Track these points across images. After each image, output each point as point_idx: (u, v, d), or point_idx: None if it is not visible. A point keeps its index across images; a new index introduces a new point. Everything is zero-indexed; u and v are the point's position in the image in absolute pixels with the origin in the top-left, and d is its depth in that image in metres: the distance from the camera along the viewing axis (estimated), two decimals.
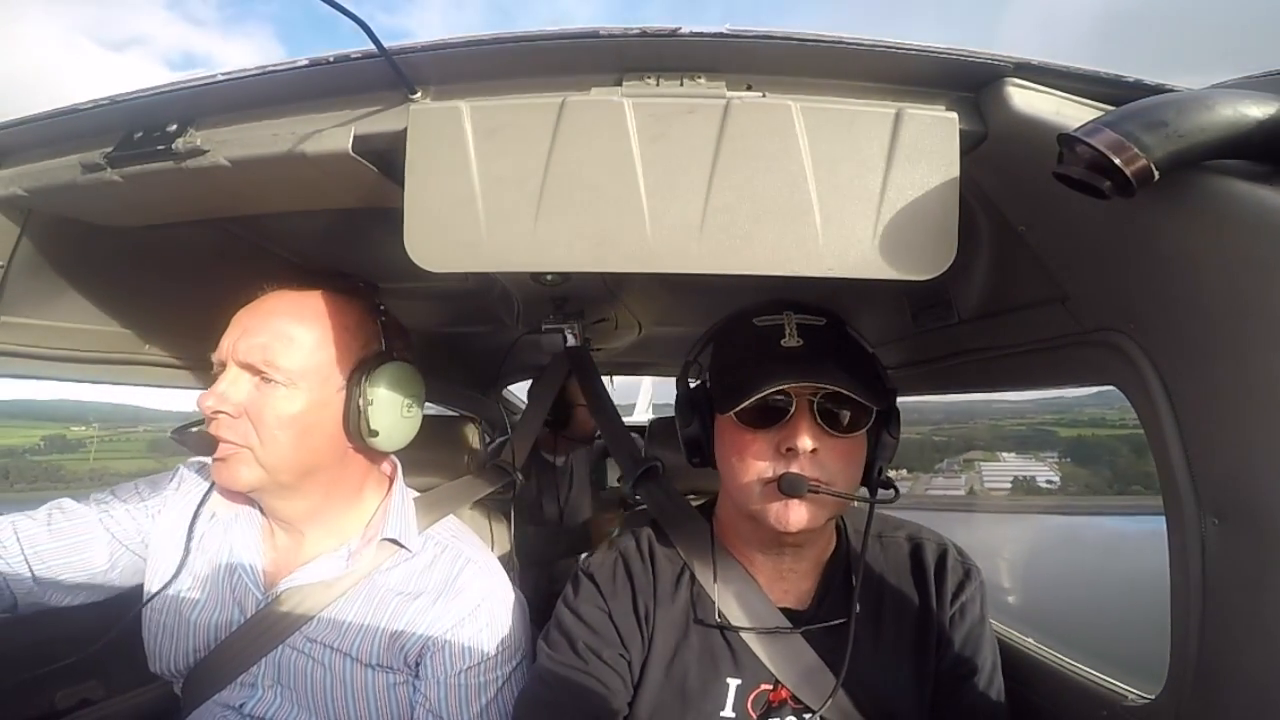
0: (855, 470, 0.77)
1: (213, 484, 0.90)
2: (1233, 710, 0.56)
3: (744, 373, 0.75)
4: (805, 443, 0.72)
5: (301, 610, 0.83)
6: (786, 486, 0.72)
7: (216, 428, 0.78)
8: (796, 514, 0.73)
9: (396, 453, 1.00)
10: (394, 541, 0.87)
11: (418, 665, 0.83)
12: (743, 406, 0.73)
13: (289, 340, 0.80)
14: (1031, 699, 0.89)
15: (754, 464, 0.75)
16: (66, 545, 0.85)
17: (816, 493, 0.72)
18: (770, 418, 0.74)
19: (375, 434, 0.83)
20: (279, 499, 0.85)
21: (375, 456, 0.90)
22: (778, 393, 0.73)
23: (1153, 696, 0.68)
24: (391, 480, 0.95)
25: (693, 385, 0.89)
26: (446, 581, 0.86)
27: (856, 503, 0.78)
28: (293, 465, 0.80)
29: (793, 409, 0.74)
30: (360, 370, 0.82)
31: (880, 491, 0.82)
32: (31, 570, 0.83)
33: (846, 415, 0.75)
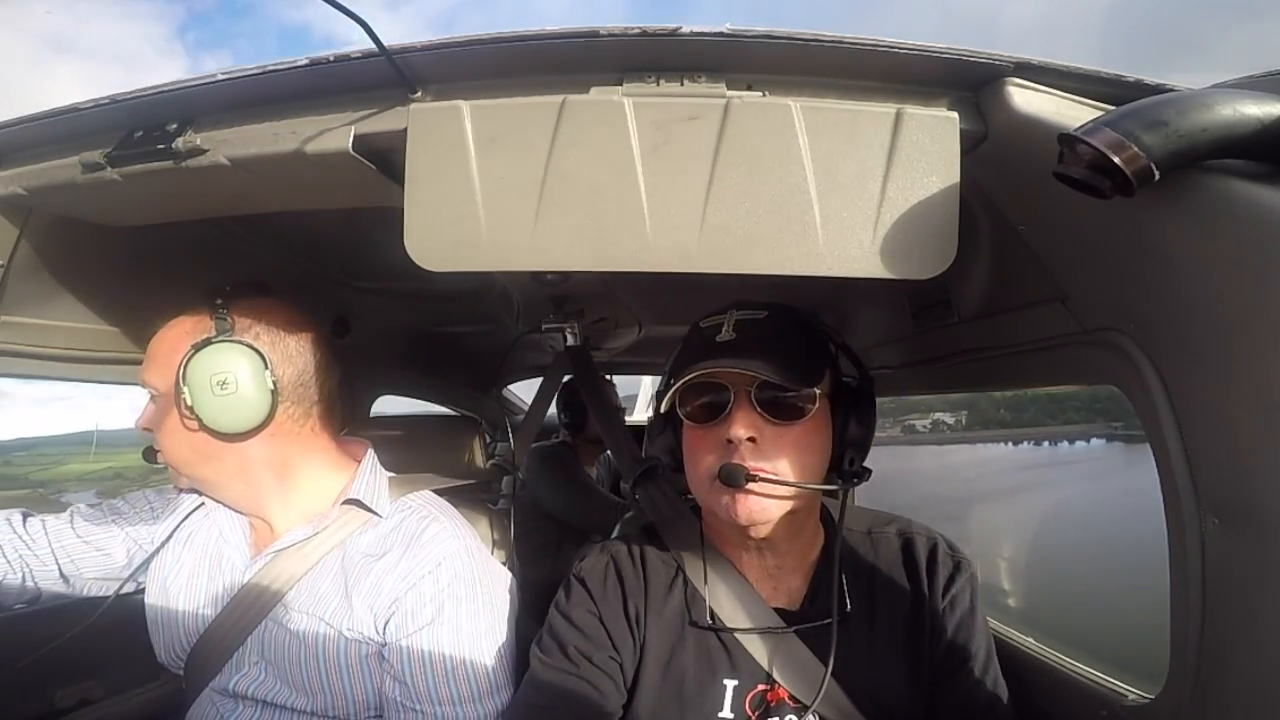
0: (809, 459, 0.76)
1: None
2: (1233, 710, 0.56)
3: (679, 370, 0.77)
4: (739, 432, 0.73)
5: (281, 581, 0.85)
6: (725, 477, 0.72)
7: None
8: (744, 506, 0.73)
9: (393, 450, 1.01)
10: (359, 504, 0.89)
11: (384, 630, 0.84)
12: (671, 395, 0.76)
13: (151, 358, 0.87)
14: (1031, 699, 0.89)
15: (702, 459, 0.76)
16: (90, 544, 0.92)
17: (755, 481, 0.72)
18: (713, 412, 0.75)
19: (200, 419, 0.83)
20: (212, 493, 0.92)
21: (275, 437, 0.88)
22: (716, 387, 0.74)
23: (1153, 696, 0.68)
24: (359, 463, 0.96)
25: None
26: (410, 539, 0.87)
27: (825, 492, 0.78)
28: (186, 464, 0.87)
29: (730, 400, 0.74)
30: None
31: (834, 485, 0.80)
32: (59, 566, 0.90)
33: (786, 403, 0.74)
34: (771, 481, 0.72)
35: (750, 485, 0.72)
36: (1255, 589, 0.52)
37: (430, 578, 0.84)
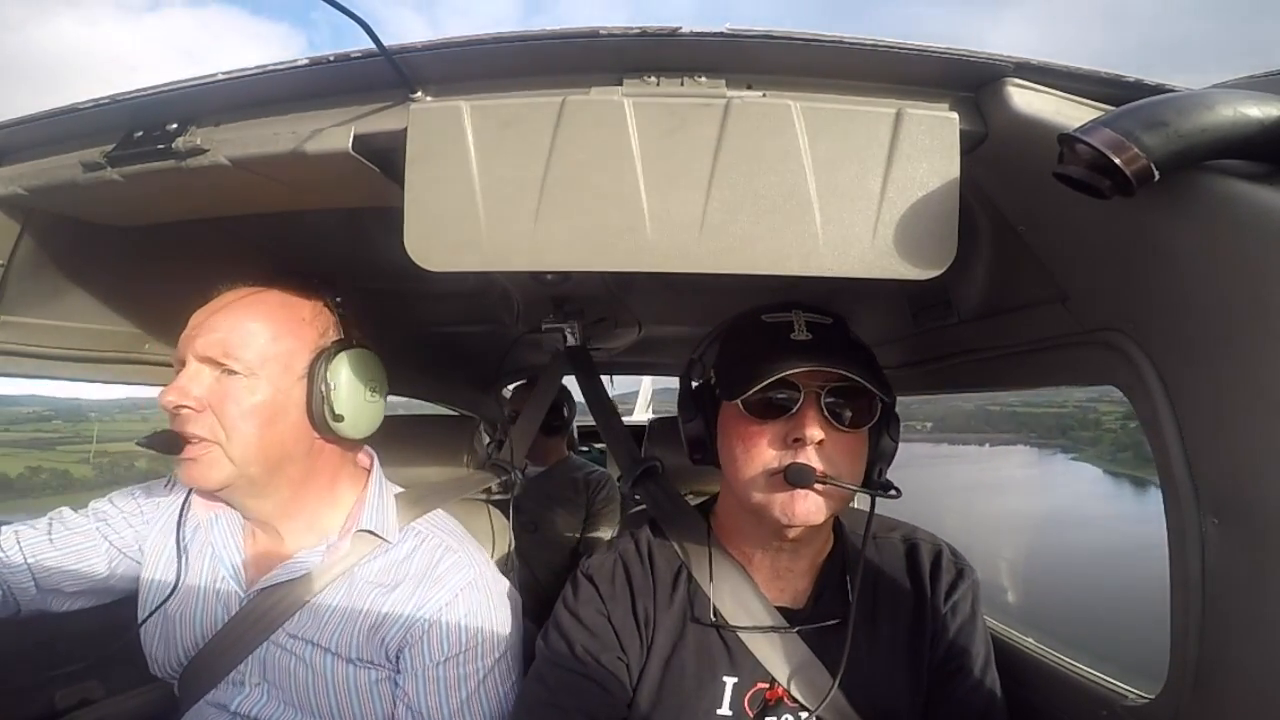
0: (859, 467, 0.77)
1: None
2: (1232, 710, 0.56)
3: (754, 362, 0.75)
4: (814, 433, 0.73)
5: (283, 606, 0.83)
6: (793, 476, 0.72)
7: (181, 424, 0.77)
8: (803, 505, 0.73)
9: (393, 450, 1.00)
10: (371, 533, 0.87)
11: (398, 659, 0.83)
12: (754, 391, 0.73)
13: (246, 332, 0.80)
14: (1031, 699, 0.89)
15: (760, 456, 0.75)
16: (68, 554, 0.87)
17: (824, 483, 0.72)
18: (777, 409, 0.75)
19: (340, 419, 0.82)
20: (250, 497, 0.84)
21: (345, 447, 0.89)
22: (786, 384, 0.74)
23: (1152, 696, 0.68)
24: (369, 473, 0.94)
25: (695, 384, 0.89)
26: (425, 571, 0.86)
27: (856, 501, 0.78)
28: (260, 457, 0.80)
29: (800, 400, 0.74)
30: (321, 357, 0.82)
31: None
32: (35, 579, 0.85)
33: (851, 410, 0.75)
34: (836, 485, 0.73)
35: (816, 486, 0.72)
36: (1255, 589, 0.52)
37: (447, 610, 0.83)
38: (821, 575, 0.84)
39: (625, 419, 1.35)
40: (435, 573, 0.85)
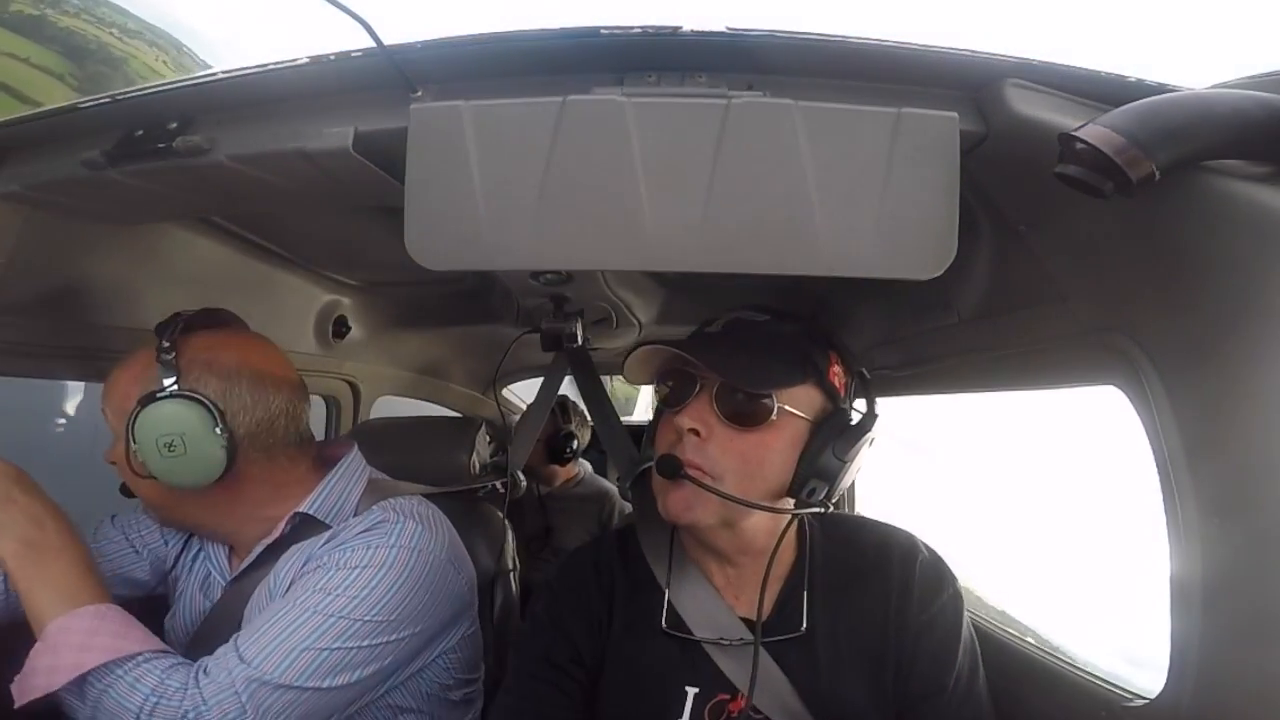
0: (752, 470, 0.71)
1: None
2: (1233, 711, 0.56)
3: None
4: (684, 422, 0.70)
5: (246, 594, 0.86)
6: (659, 465, 0.70)
7: None
8: (674, 500, 0.70)
9: (398, 451, 1.01)
10: (310, 517, 0.87)
11: None
12: (629, 356, 0.74)
13: (106, 394, 0.85)
14: (1030, 699, 0.89)
15: (657, 446, 0.75)
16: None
17: (686, 476, 0.68)
18: (678, 400, 0.74)
19: (153, 478, 0.79)
20: (183, 530, 0.94)
21: (252, 480, 0.85)
22: (691, 376, 0.73)
23: (1152, 697, 0.68)
24: (336, 464, 0.92)
25: None
26: (365, 529, 0.85)
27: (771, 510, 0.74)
28: (149, 506, 0.88)
29: (695, 391, 0.72)
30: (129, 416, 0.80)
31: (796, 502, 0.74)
32: None
33: (742, 407, 0.71)
34: (699, 483, 0.69)
35: (682, 480, 0.69)
36: (1256, 589, 0.52)
37: (341, 549, 0.82)
38: (785, 586, 0.81)
39: (625, 419, 1.35)
40: (370, 529, 0.84)
